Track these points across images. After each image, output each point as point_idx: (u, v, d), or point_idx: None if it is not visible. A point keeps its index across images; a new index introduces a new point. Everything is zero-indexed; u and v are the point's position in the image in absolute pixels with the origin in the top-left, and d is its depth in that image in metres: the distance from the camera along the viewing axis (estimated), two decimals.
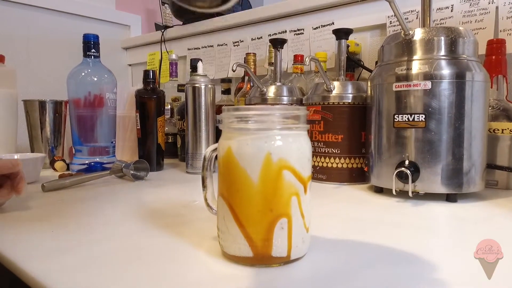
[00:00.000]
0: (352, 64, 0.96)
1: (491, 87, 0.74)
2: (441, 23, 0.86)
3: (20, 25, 1.34)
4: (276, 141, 0.34)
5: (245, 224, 0.34)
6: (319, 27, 1.05)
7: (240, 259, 0.35)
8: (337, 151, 0.76)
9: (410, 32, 0.62)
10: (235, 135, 0.35)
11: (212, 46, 1.35)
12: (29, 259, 0.37)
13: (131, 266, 0.35)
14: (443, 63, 0.60)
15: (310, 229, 0.37)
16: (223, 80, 1.16)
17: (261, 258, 0.34)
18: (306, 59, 0.71)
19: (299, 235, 0.35)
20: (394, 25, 0.93)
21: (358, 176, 0.75)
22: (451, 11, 0.85)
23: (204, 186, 0.41)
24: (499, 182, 0.71)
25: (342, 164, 0.75)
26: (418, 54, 0.62)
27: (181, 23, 1.42)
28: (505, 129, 0.71)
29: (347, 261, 0.37)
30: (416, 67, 0.61)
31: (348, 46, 0.93)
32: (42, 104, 0.96)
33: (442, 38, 0.61)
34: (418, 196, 0.61)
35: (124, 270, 0.34)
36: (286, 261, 0.35)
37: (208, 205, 0.42)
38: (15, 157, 0.79)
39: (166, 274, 0.34)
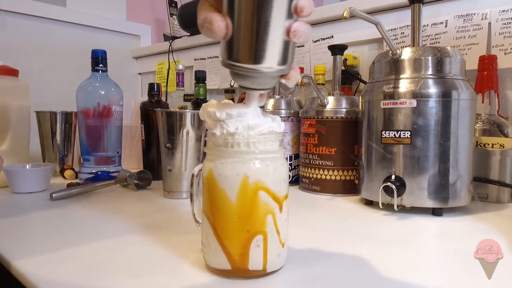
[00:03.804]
0: (349, 77, 0.98)
1: (483, 102, 0.76)
2: (435, 38, 0.88)
3: (36, 37, 1.40)
4: (254, 165, 0.37)
5: (224, 240, 0.37)
6: (319, 40, 1.08)
7: (220, 271, 0.38)
8: (331, 164, 0.78)
9: (398, 51, 0.64)
10: (216, 157, 0.38)
11: (217, 57, 1.39)
12: (29, 266, 0.41)
13: (119, 276, 0.39)
14: (430, 82, 0.62)
15: (286, 244, 0.40)
16: (226, 91, 1.20)
17: (239, 271, 0.37)
18: (299, 77, 0.74)
19: (275, 250, 0.38)
20: (390, 39, 0.95)
21: (351, 188, 0.78)
22: (445, 26, 0.86)
23: (192, 201, 0.45)
24: (489, 196, 0.72)
25: (335, 176, 0.78)
26: (406, 73, 0.64)
27: (188, 34, 1.47)
28: (495, 144, 0.73)
29: (322, 273, 0.40)
30: (403, 85, 0.63)
31: (346, 59, 0.96)
32: (53, 115, 1.01)
33: (429, 57, 0.63)
34: (405, 210, 0.63)
35: (112, 280, 0.38)
36: (262, 274, 0.38)
37: (195, 219, 0.45)
38: (27, 167, 0.84)
39: (152, 284, 0.37)
